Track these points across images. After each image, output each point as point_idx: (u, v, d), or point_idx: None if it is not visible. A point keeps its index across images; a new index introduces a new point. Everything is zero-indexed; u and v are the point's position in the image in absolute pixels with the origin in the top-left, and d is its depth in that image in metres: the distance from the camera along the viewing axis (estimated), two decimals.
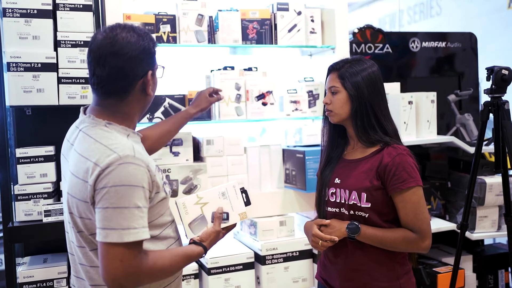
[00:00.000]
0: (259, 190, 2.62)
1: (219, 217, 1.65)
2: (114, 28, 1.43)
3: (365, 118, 1.77)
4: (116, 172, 1.32)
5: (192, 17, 2.47)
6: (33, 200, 2.09)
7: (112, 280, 1.33)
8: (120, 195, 1.31)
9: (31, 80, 2.08)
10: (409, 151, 1.77)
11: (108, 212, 1.31)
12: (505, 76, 2.25)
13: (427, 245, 1.73)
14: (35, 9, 2.09)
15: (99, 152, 1.35)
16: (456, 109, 3.04)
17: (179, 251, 1.53)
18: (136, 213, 1.33)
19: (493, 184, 2.71)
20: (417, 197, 1.71)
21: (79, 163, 1.39)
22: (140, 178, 1.35)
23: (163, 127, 2.08)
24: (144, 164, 1.37)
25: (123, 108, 1.47)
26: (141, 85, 1.46)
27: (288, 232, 2.57)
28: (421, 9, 5.76)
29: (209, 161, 2.51)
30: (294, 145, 2.73)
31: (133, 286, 1.39)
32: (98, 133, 1.41)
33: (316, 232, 1.79)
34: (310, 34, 2.71)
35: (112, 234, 1.31)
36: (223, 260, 2.41)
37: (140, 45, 1.43)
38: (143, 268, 1.37)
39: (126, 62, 1.40)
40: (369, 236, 1.73)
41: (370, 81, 1.79)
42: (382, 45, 3.16)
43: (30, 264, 2.18)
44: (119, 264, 1.31)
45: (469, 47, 3.42)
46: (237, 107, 2.55)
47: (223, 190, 1.70)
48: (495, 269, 3.08)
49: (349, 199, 1.77)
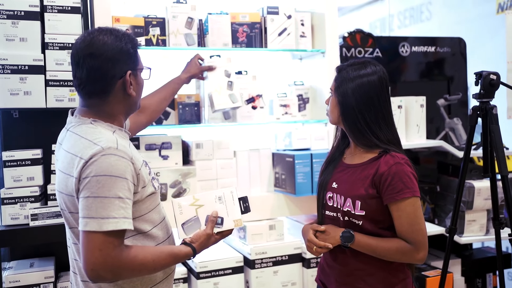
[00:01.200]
0: (249, 194, 2.61)
1: (213, 221, 1.64)
2: (92, 32, 1.50)
3: (356, 122, 1.74)
4: (98, 163, 1.36)
5: (182, 20, 2.46)
6: (20, 204, 2.07)
7: (91, 270, 1.34)
8: (100, 184, 1.34)
9: (18, 83, 2.06)
10: (408, 160, 1.72)
11: (89, 201, 1.35)
12: (493, 81, 2.25)
13: (422, 256, 1.69)
14: (22, 11, 2.07)
15: (83, 146, 1.40)
16: (445, 114, 3.05)
17: (165, 249, 1.53)
18: (117, 203, 1.35)
19: (482, 188, 2.72)
20: (413, 208, 1.67)
21: (65, 159, 1.44)
22: (122, 170, 1.38)
23: (159, 95, 2.19)
24: (127, 156, 1.41)
25: (106, 108, 1.51)
26: (121, 86, 1.50)
27: (278, 236, 2.57)
28: (411, 13, 5.78)
29: (198, 165, 2.50)
30: (284, 149, 2.73)
31: (113, 278, 1.40)
32: (83, 130, 1.46)
33: (311, 238, 1.77)
34: (300, 38, 2.72)
35: (92, 222, 1.34)
36: (212, 264, 2.40)
37: (116, 46, 1.48)
38: (123, 260, 1.37)
39: (102, 63, 1.45)
40: (363, 245, 1.70)
41: (361, 89, 1.73)
42: (372, 50, 3.17)
43: (16, 269, 2.15)
44: (98, 254, 1.33)
45: (458, 52, 3.44)
46: (231, 94, 2.43)
47: (220, 195, 1.69)
48: (483, 272, 3.09)
49: (344, 206, 1.75)
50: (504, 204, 2.55)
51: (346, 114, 1.76)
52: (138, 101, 1.61)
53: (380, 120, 1.75)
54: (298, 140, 2.66)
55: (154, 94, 2.19)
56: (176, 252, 1.54)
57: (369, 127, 1.74)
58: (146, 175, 1.50)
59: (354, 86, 1.74)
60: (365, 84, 1.74)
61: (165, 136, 2.46)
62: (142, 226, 1.51)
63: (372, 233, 1.72)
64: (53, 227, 2.04)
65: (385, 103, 1.77)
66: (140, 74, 1.58)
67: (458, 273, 3.00)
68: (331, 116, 1.82)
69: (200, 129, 2.71)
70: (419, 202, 1.70)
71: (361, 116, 1.73)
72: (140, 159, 1.51)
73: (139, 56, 1.58)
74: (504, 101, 3.14)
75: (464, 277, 3.02)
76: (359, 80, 1.75)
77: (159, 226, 1.58)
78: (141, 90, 1.60)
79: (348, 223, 1.75)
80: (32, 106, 2.09)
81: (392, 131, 1.78)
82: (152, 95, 2.18)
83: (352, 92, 1.74)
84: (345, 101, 1.75)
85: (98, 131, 1.45)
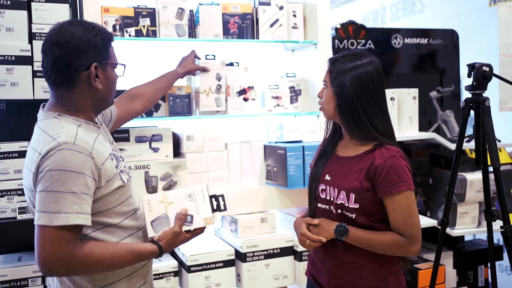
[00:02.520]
0: (240, 186, 2.59)
1: (181, 218, 1.61)
2: (63, 23, 1.50)
3: (354, 113, 1.71)
4: (53, 157, 1.36)
5: (172, 11, 2.43)
6: (7, 197, 2.04)
7: (42, 264, 1.35)
8: (54, 179, 1.35)
9: (5, 74, 2.02)
10: (403, 153, 1.72)
11: (42, 195, 1.35)
12: (486, 73, 2.24)
13: (416, 249, 1.69)
14: (9, 0, 2.02)
15: (44, 141, 1.40)
16: (437, 106, 3.04)
17: (128, 246, 1.51)
18: (70, 198, 1.35)
19: (474, 181, 2.72)
20: (407, 201, 1.67)
21: (29, 155, 1.46)
22: (78, 164, 1.38)
23: (155, 85, 2.21)
24: (85, 151, 1.40)
25: (72, 100, 1.51)
26: (87, 78, 1.49)
27: (269, 229, 2.55)
28: (404, 6, 5.77)
29: (189, 157, 2.47)
30: (276, 141, 2.71)
31: (65, 273, 1.41)
32: (47, 125, 1.46)
33: (304, 231, 1.76)
34: (292, 29, 2.69)
35: (43, 216, 1.34)
36: (203, 257, 2.38)
37: (83, 36, 1.47)
38: (76, 255, 1.37)
39: (66, 52, 1.45)
40: (357, 239, 1.69)
41: (359, 79, 1.71)
42: (364, 41, 3.15)
43: (3, 263, 2.12)
44: (49, 247, 1.34)
45: (450, 44, 3.43)
46: (217, 98, 2.51)
47: (190, 192, 1.65)
48: (475, 265, 3.10)
49: (337, 198, 1.73)
50: (496, 196, 2.55)
51: (343, 106, 1.73)
52: (109, 96, 1.59)
53: (378, 110, 1.74)
54: (290, 132, 2.64)
55: (150, 84, 2.21)
56: (139, 250, 1.52)
57: (368, 118, 1.72)
58: (111, 169, 1.48)
59: (352, 76, 1.72)
60: (363, 75, 1.72)
61: (156, 128, 2.43)
62: (110, 220, 1.51)
63: (365, 226, 1.71)
64: None
65: (382, 93, 1.76)
66: (110, 68, 1.55)
67: (450, 266, 3.01)
68: (327, 108, 1.79)
69: (191, 121, 2.68)
70: (413, 195, 1.70)
71: (359, 107, 1.71)
72: (105, 153, 1.50)
73: (112, 51, 1.56)
74: (496, 93, 3.14)
75: (456, 269, 3.02)
76: (357, 71, 1.72)
77: (131, 217, 1.57)
78: (111, 85, 1.57)
79: (341, 216, 1.73)
80: (19, 97, 2.05)
81: (389, 122, 1.78)
82: (148, 84, 2.20)
83: (350, 83, 1.71)
84: (342, 93, 1.72)
85: (60, 125, 1.45)
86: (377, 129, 1.73)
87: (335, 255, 1.77)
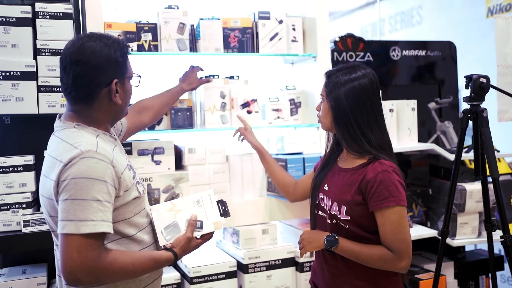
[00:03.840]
0: (242, 198, 2.61)
1: (192, 224, 1.63)
2: (82, 37, 1.50)
3: (349, 127, 1.74)
4: (77, 165, 1.36)
5: (174, 26, 2.46)
6: (12, 210, 2.06)
7: (68, 273, 1.33)
8: (78, 187, 1.35)
9: (10, 89, 2.05)
10: (397, 168, 1.72)
11: (67, 203, 1.35)
12: (483, 84, 2.27)
13: (404, 265, 1.68)
14: (14, 17, 2.07)
15: (64, 150, 1.41)
16: (436, 117, 3.07)
17: (146, 254, 1.53)
18: (95, 206, 1.35)
19: (473, 191, 2.74)
20: (397, 216, 1.66)
21: (47, 163, 1.47)
22: (101, 172, 1.38)
23: (162, 99, 2.25)
24: (107, 159, 1.41)
25: (92, 114, 1.52)
26: (107, 94, 1.51)
27: (271, 240, 2.57)
28: (402, 18, 5.83)
29: (191, 170, 2.50)
30: (277, 153, 2.74)
31: (91, 282, 1.38)
32: (66, 134, 1.46)
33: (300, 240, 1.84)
34: (292, 43, 2.73)
35: (70, 225, 1.34)
36: (205, 269, 2.39)
37: (104, 54, 1.47)
38: (101, 263, 1.37)
39: (88, 70, 1.46)
40: (346, 250, 1.72)
41: (353, 92, 1.73)
42: (363, 54, 3.19)
43: (8, 276, 2.14)
44: (76, 256, 1.33)
45: (448, 55, 3.47)
46: (222, 115, 2.56)
47: (198, 198, 1.68)
48: (476, 275, 3.10)
49: (330, 209, 1.77)
50: (495, 206, 2.57)
51: (339, 119, 1.76)
52: (125, 108, 1.61)
53: (372, 123, 1.75)
54: (290, 144, 2.67)
55: (157, 97, 2.24)
56: (156, 257, 1.53)
57: (362, 131, 1.73)
58: (129, 179, 1.50)
59: (346, 90, 1.74)
60: (357, 88, 1.74)
61: (158, 141, 2.46)
62: (126, 230, 1.51)
63: (358, 236, 1.73)
64: (46, 233, 2.03)
65: (377, 105, 1.78)
66: (128, 81, 1.58)
67: (451, 276, 3.01)
68: (324, 122, 1.83)
69: (193, 134, 2.71)
70: (404, 211, 1.68)
71: (354, 120, 1.73)
72: (123, 163, 1.51)
73: (128, 64, 1.58)
74: (494, 104, 3.17)
75: (457, 279, 3.03)
76: (351, 84, 1.75)
77: (145, 230, 1.58)
78: (128, 98, 1.60)
79: (335, 226, 1.77)
80: (24, 112, 2.08)
81: (384, 134, 1.79)
82: (156, 97, 2.23)
83: (344, 96, 1.74)
84: (337, 106, 1.75)
85: (80, 134, 1.46)
86: (371, 142, 1.74)
87: (332, 264, 1.80)
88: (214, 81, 2.55)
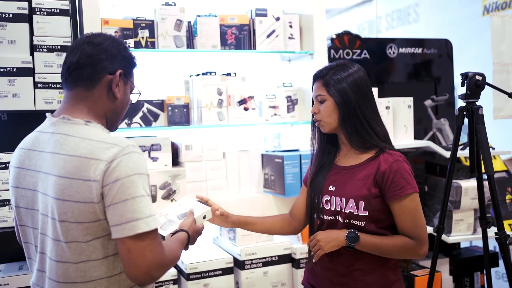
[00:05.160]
0: (238, 195, 2.62)
1: (191, 213, 1.69)
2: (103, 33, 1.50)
3: (357, 123, 1.74)
4: (124, 163, 1.30)
5: (171, 22, 2.47)
6: (9, 207, 2.06)
7: (144, 274, 1.28)
8: (134, 184, 1.29)
9: (7, 85, 2.05)
10: (405, 157, 1.75)
11: (129, 203, 1.28)
12: (479, 82, 2.28)
13: (425, 251, 1.73)
14: (11, 13, 2.07)
15: (94, 148, 1.31)
16: (432, 114, 3.08)
17: (173, 239, 1.53)
18: (150, 201, 1.33)
19: (469, 188, 2.75)
20: (414, 203, 1.70)
21: (69, 164, 1.31)
22: (145, 166, 1.35)
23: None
24: (142, 153, 1.38)
25: (90, 103, 1.43)
26: (108, 82, 1.44)
27: (267, 237, 2.57)
28: (399, 15, 5.83)
29: (187, 166, 2.50)
30: (273, 150, 2.74)
31: (160, 276, 1.35)
32: (82, 131, 1.36)
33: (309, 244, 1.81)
34: (289, 40, 2.73)
35: (140, 224, 1.27)
36: (202, 265, 2.40)
37: (119, 45, 1.47)
38: (166, 254, 1.35)
39: (97, 51, 1.42)
40: (368, 244, 1.71)
41: (356, 86, 1.75)
42: (360, 51, 3.20)
43: (5, 272, 2.14)
44: (150, 255, 1.29)
45: (445, 53, 3.48)
46: (219, 112, 2.56)
47: (179, 203, 1.76)
48: (471, 271, 3.12)
49: (345, 207, 1.74)
50: (490, 203, 2.58)
51: (346, 116, 1.75)
52: (120, 114, 1.53)
53: (375, 114, 1.79)
54: (287, 141, 2.68)
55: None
56: (179, 238, 1.54)
57: (369, 123, 1.76)
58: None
59: (349, 84, 1.75)
60: (358, 81, 1.77)
61: (154, 138, 2.46)
62: None
63: (373, 233, 1.73)
64: None
65: (373, 96, 1.82)
66: (129, 88, 1.53)
67: (446, 272, 3.03)
68: (329, 122, 1.79)
69: (190, 131, 2.72)
70: (418, 197, 1.73)
71: (361, 114, 1.75)
72: None
73: (133, 73, 1.55)
74: (490, 101, 3.18)
75: (452, 276, 3.04)
76: (352, 78, 1.76)
77: None
78: (125, 103, 1.53)
79: (349, 226, 1.75)
80: (21, 108, 2.08)
81: (383, 124, 1.82)
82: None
83: (351, 90, 1.75)
84: (344, 102, 1.75)
85: (99, 131, 1.38)
86: (378, 134, 1.77)
87: (341, 263, 1.78)
88: (211, 78, 2.55)
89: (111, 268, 1.36)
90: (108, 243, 1.34)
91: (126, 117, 2.43)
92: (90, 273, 1.35)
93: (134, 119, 2.45)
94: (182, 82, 2.68)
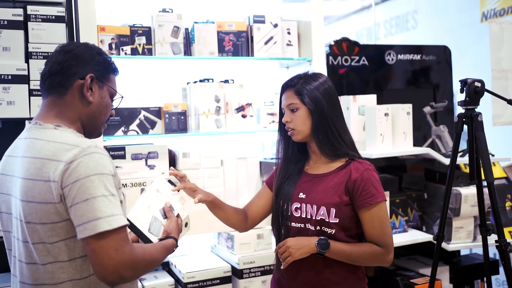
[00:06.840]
0: (236, 202, 2.59)
1: (169, 210, 1.67)
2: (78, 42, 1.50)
3: (328, 131, 1.77)
4: (84, 163, 1.30)
5: (168, 29, 2.45)
6: None
7: (111, 273, 1.28)
8: (95, 184, 1.29)
9: (1, 92, 2.04)
10: (374, 166, 1.79)
11: (89, 203, 1.28)
12: (478, 89, 2.27)
13: (391, 258, 1.77)
14: (6, 20, 2.05)
15: (56, 149, 1.34)
16: (431, 121, 3.07)
17: (157, 244, 1.52)
18: (113, 200, 1.31)
19: (468, 195, 2.73)
20: (383, 212, 1.74)
21: (32, 166, 1.35)
22: (108, 166, 1.34)
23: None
24: (106, 154, 1.37)
25: (63, 108, 1.45)
26: (79, 87, 1.45)
27: (266, 245, 2.55)
28: (397, 22, 5.84)
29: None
30: (271, 158, 2.72)
31: (132, 276, 1.34)
32: (49, 134, 1.39)
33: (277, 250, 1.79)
34: (287, 47, 2.72)
35: (101, 223, 1.27)
36: (200, 274, 2.38)
37: (91, 51, 1.48)
38: (137, 255, 1.34)
39: (68, 58, 1.44)
40: (338, 251, 1.71)
41: (328, 94, 1.79)
42: (358, 58, 3.19)
43: (0, 282, 2.11)
44: (115, 254, 1.28)
45: (443, 59, 3.47)
46: (217, 120, 2.54)
47: (156, 187, 1.73)
48: (471, 279, 3.10)
49: (316, 215, 1.75)
50: (490, 210, 2.56)
51: (319, 124, 1.77)
52: (98, 118, 1.52)
53: (343, 122, 1.83)
54: None
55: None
56: (165, 245, 1.53)
57: (339, 133, 1.79)
58: (118, 180, 1.45)
59: (322, 93, 1.78)
60: (329, 89, 1.81)
61: (152, 146, 2.44)
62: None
63: (342, 241, 1.74)
64: None
65: (341, 107, 1.86)
66: (107, 91, 1.52)
67: (446, 280, 3.00)
68: (302, 130, 1.80)
69: (187, 138, 2.70)
70: (386, 206, 1.78)
71: (332, 124, 1.78)
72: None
73: (112, 78, 1.54)
74: (489, 108, 3.17)
75: (452, 284, 3.02)
76: (323, 87, 1.80)
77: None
78: (103, 108, 1.52)
79: (320, 233, 1.75)
80: (16, 116, 2.06)
81: (350, 134, 1.86)
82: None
83: (323, 98, 1.78)
84: (317, 109, 1.77)
85: (66, 134, 1.40)
86: (346, 142, 1.80)
87: (308, 273, 1.77)
88: (208, 85, 2.54)
89: (79, 270, 1.37)
90: (74, 245, 1.35)
91: (123, 125, 2.41)
92: (58, 275, 1.36)
93: (131, 127, 2.44)
94: (179, 89, 2.67)
